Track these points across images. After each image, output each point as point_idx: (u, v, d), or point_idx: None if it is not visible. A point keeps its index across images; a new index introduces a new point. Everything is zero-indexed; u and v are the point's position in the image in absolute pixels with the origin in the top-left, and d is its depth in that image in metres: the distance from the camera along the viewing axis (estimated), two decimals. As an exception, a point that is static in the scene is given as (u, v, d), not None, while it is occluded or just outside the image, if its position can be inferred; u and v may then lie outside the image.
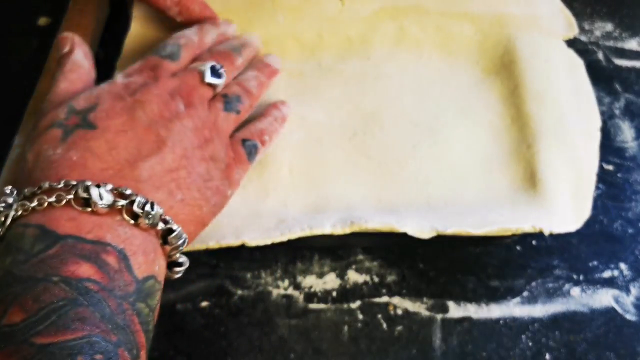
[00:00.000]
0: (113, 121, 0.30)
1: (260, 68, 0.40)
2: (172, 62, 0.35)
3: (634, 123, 0.43)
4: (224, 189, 0.34)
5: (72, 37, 0.36)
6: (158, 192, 0.29)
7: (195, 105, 0.34)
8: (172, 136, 0.31)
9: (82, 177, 0.27)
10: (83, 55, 0.36)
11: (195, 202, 0.31)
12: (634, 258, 0.38)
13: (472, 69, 0.44)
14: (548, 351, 0.35)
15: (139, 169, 0.29)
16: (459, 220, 0.36)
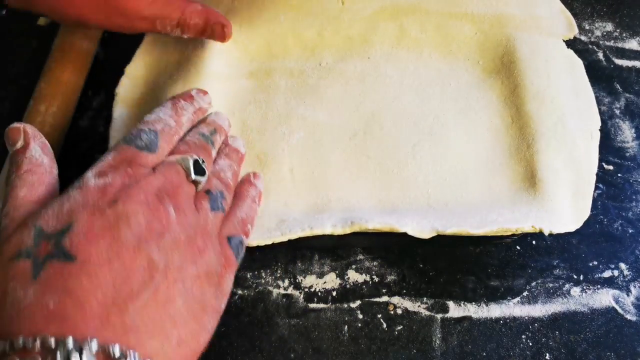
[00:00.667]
0: (94, 247, 0.24)
1: (230, 156, 0.37)
2: (149, 154, 0.30)
3: (634, 123, 0.43)
4: (218, 305, 0.29)
5: (24, 127, 0.30)
6: (153, 340, 0.24)
7: (184, 209, 0.29)
8: (165, 256, 0.26)
9: (61, 330, 0.22)
10: (40, 150, 0.30)
11: (193, 336, 0.26)
12: (634, 258, 0.38)
13: (472, 69, 0.44)
14: (548, 351, 0.35)
15: (129, 313, 0.24)
16: (459, 220, 0.36)
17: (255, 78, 0.44)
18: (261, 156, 0.40)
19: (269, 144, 0.40)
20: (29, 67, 0.49)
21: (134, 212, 0.26)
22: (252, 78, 0.44)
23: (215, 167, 0.35)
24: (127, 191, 0.27)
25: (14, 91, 0.47)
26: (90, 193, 0.26)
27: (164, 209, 0.27)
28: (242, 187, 0.36)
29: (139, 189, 0.27)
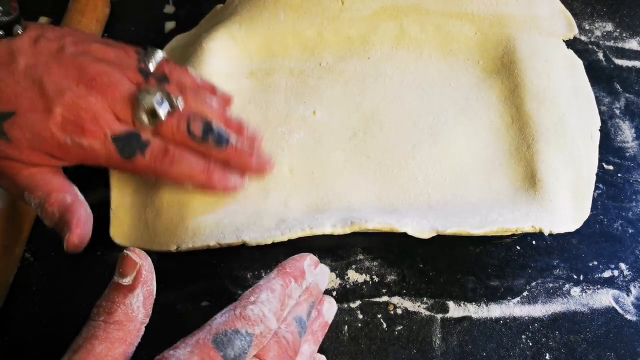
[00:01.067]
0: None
1: (316, 336, 0.32)
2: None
3: (634, 123, 0.43)
4: None
5: (140, 267, 0.27)
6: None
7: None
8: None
9: None
10: (142, 300, 0.27)
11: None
12: (634, 258, 0.38)
13: (472, 69, 0.44)
14: (548, 351, 0.35)
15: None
16: (459, 220, 0.36)
17: (255, 77, 0.44)
18: (261, 156, 0.40)
19: (269, 144, 0.40)
20: (29, 67, 0.49)
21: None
22: (252, 77, 0.44)
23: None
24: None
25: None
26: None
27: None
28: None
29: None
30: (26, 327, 0.38)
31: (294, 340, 0.28)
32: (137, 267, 0.26)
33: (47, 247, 0.41)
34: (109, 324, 0.25)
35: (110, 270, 0.39)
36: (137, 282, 0.26)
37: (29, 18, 0.51)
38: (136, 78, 0.35)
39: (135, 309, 0.26)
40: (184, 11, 0.52)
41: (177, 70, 0.38)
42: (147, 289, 0.27)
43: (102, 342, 0.25)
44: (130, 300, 0.26)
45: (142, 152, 0.34)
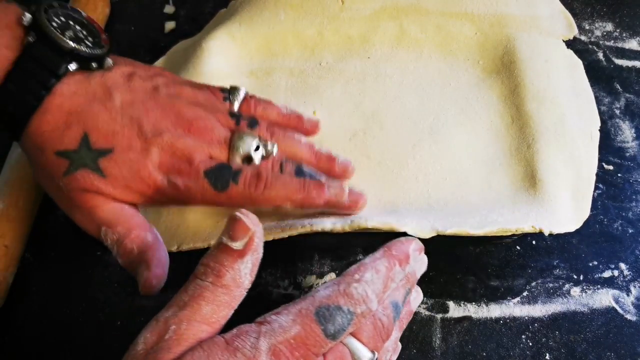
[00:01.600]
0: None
1: (402, 322, 0.32)
2: (331, 342, 0.26)
3: (634, 123, 0.43)
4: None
5: (253, 234, 0.26)
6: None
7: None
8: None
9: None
10: (250, 267, 0.26)
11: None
12: (634, 258, 0.38)
13: (472, 69, 0.44)
14: (548, 351, 0.35)
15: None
16: (459, 221, 0.36)
17: (256, 77, 0.44)
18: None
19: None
20: (29, 67, 0.48)
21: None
22: (252, 77, 0.44)
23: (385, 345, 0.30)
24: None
25: (14, 91, 0.47)
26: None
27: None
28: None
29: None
30: (26, 327, 0.38)
31: (389, 324, 0.29)
32: (249, 234, 0.26)
33: (47, 247, 0.41)
34: (216, 286, 0.25)
35: (111, 270, 0.39)
36: (247, 249, 0.26)
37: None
38: (228, 122, 0.35)
39: (243, 276, 0.26)
40: (184, 11, 0.52)
41: (262, 104, 0.38)
42: (256, 257, 0.26)
43: (209, 303, 0.25)
44: (239, 266, 0.26)
45: (235, 181, 0.33)
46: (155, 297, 0.38)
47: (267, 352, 0.24)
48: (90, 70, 0.33)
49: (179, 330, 0.24)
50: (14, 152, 0.42)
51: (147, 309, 0.38)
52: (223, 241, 0.26)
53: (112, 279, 0.39)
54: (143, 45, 0.50)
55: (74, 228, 0.41)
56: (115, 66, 0.34)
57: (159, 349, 0.24)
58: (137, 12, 0.53)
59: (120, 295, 0.38)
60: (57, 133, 0.31)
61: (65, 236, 0.41)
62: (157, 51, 0.49)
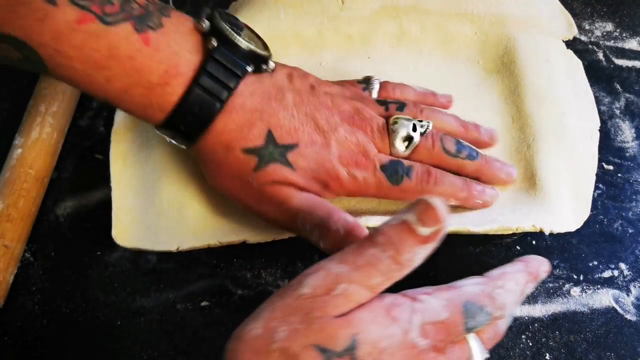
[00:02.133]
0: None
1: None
2: (465, 335, 0.28)
3: (634, 123, 0.43)
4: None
5: (442, 226, 0.25)
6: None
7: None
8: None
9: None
10: (422, 257, 0.27)
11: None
12: (634, 258, 0.38)
13: (473, 69, 0.44)
14: (548, 351, 0.35)
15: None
16: (460, 219, 0.36)
17: (255, 77, 0.44)
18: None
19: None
20: (28, 67, 0.48)
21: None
22: (252, 77, 0.44)
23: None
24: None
25: (14, 91, 0.47)
26: (404, 345, 0.26)
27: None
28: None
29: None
30: (26, 327, 0.38)
31: (504, 332, 0.31)
32: (439, 225, 0.25)
33: (47, 247, 0.41)
34: (392, 262, 0.26)
35: (111, 270, 0.39)
36: (432, 238, 0.26)
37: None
38: (379, 110, 0.37)
39: (417, 259, 0.26)
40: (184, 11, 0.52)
41: (398, 87, 0.40)
42: (434, 246, 0.26)
43: (382, 275, 0.26)
44: (419, 249, 0.26)
45: (409, 176, 0.35)
46: (155, 296, 0.38)
47: (418, 329, 0.26)
48: (260, 72, 0.34)
49: (348, 290, 0.25)
50: (14, 152, 0.42)
51: (147, 309, 0.38)
52: (410, 220, 0.25)
53: (112, 279, 0.39)
54: (143, 45, 0.50)
55: (74, 228, 0.41)
56: (276, 68, 0.36)
57: (327, 302, 0.25)
58: (137, 12, 0.52)
59: (120, 295, 0.38)
60: (243, 131, 0.33)
61: (65, 236, 0.41)
62: (157, 51, 0.49)
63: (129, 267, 0.39)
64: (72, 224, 0.41)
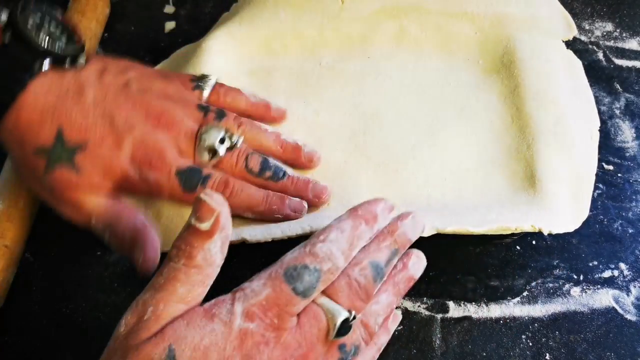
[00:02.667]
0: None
1: (399, 287, 0.31)
2: (302, 300, 0.27)
3: (634, 123, 0.43)
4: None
5: (219, 214, 0.26)
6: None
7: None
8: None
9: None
10: (220, 245, 0.27)
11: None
12: (634, 258, 0.38)
13: (472, 69, 0.44)
14: (548, 351, 0.35)
15: None
16: (459, 219, 0.36)
17: (256, 76, 0.44)
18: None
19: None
20: (29, 67, 0.48)
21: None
22: (252, 76, 0.44)
23: (369, 309, 0.30)
24: (262, 348, 0.26)
25: (14, 91, 0.47)
26: (232, 336, 0.26)
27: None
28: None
29: (274, 349, 0.26)
30: (26, 327, 0.38)
31: (367, 284, 0.29)
32: (215, 214, 0.26)
33: (47, 247, 0.41)
34: (189, 267, 0.26)
35: (111, 270, 0.39)
36: (215, 228, 0.26)
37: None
38: (196, 115, 0.36)
39: (214, 254, 0.27)
40: (184, 11, 0.52)
41: (231, 93, 0.40)
42: (224, 235, 0.27)
43: (184, 284, 0.26)
44: (208, 245, 0.26)
45: (204, 185, 0.35)
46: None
47: (241, 315, 0.26)
48: (64, 68, 0.34)
49: (157, 310, 0.26)
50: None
51: (147, 309, 0.38)
52: (191, 223, 0.26)
53: (112, 279, 0.39)
54: (143, 45, 0.50)
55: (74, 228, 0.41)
56: (88, 63, 0.35)
57: (139, 329, 0.25)
58: (137, 12, 0.53)
59: (120, 295, 0.38)
60: (33, 130, 0.32)
61: (65, 236, 0.41)
62: (157, 51, 0.49)
63: (129, 267, 0.39)
64: (72, 224, 0.41)
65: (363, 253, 0.30)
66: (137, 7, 0.53)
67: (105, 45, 0.50)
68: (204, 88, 0.39)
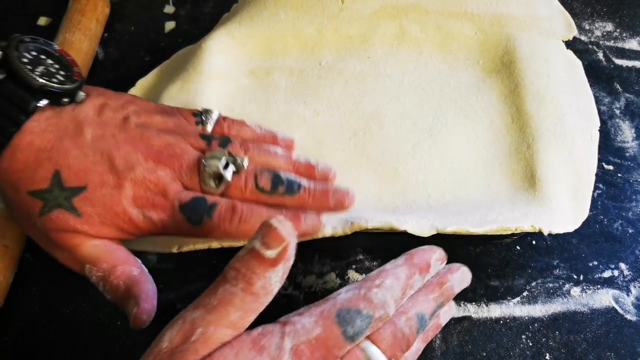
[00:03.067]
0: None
1: (428, 335, 0.32)
2: (349, 344, 0.26)
3: (634, 123, 0.43)
4: None
5: (288, 244, 0.25)
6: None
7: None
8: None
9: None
10: (282, 275, 0.26)
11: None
12: (634, 258, 0.38)
13: (472, 69, 0.44)
14: (548, 351, 0.35)
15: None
16: (459, 219, 0.36)
17: (255, 76, 0.44)
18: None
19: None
20: (29, 67, 0.48)
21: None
22: (252, 76, 0.44)
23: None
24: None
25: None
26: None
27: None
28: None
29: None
30: (26, 327, 0.38)
31: (410, 335, 0.29)
32: (284, 244, 0.25)
33: (47, 247, 0.41)
34: (246, 294, 0.25)
35: (110, 270, 0.39)
36: (280, 258, 0.25)
37: (29, 18, 0.52)
38: (199, 144, 0.35)
39: (273, 284, 0.26)
40: (184, 11, 0.52)
41: (236, 125, 0.38)
42: (287, 265, 0.26)
43: (238, 310, 0.25)
44: (270, 274, 0.25)
45: (210, 216, 0.32)
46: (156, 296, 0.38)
47: (290, 352, 0.25)
48: (62, 105, 0.32)
49: (206, 333, 0.24)
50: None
51: (147, 309, 0.38)
52: (256, 247, 0.25)
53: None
54: (143, 45, 0.50)
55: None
56: (87, 98, 0.33)
57: (185, 350, 0.24)
58: (137, 12, 0.53)
59: (120, 295, 0.38)
60: (29, 172, 0.31)
61: (65, 236, 0.41)
62: (157, 51, 0.49)
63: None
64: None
65: (410, 302, 0.29)
66: (137, 7, 0.53)
67: (105, 45, 0.50)
68: (207, 122, 0.37)
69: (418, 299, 0.30)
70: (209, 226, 0.32)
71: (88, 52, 0.47)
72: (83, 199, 0.31)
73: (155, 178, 0.32)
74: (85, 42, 0.47)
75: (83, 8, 0.48)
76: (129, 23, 0.52)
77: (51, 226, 0.31)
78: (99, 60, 0.49)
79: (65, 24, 0.47)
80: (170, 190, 0.32)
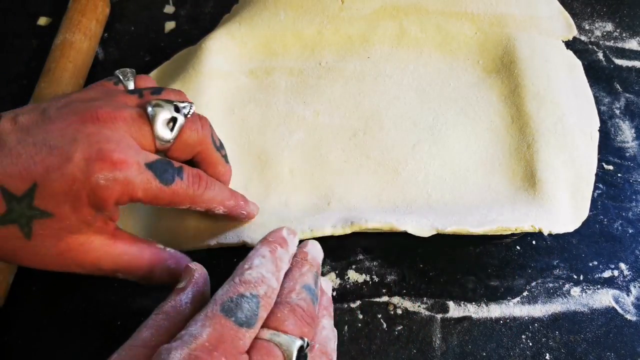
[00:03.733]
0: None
1: (329, 310, 0.32)
2: (248, 330, 0.26)
3: (634, 123, 0.43)
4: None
5: (193, 271, 0.30)
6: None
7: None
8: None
9: None
10: (192, 297, 0.29)
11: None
12: (634, 258, 0.38)
13: (472, 69, 0.44)
14: (548, 351, 0.35)
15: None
16: (459, 219, 0.36)
17: (255, 76, 0.44)
18: (262, 156, 0.40)
19: (269, 144, 0.40)
20: (29, 67, 0.49)
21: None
22: (251, 76, 0.44)
23: (320, 336, 0.30)
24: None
25: (14, 91, 0.47)
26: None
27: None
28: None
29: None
30: (26, 327, 0.38)
31: (308, 307, 0.29)
32: (192, 271, 0.30)
33: (47, 247, 0.41)
34: (157, 314, 0.28)
35: (110, 270, 0.39)
36: (188, 283, 0.29)
37: (29, 18, 0.52)
38: (130, 100, 0.32)
39: (184, 305, 0.28)
40: (184, 11, 0.52)
41: (143, 78, 0.36)
42: (195, 289, 0.29)
43: (149, 329, 0.27)
44: (180, 297, 0.29)
45: (181, 177, 0.31)
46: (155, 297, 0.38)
47: (187, 348, 0.24)
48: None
49: (119, 357, 0.26)
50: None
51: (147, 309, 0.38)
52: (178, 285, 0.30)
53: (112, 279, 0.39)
54: (143, 45, 0.50)
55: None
56: (1, 120, 0.30)
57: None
58: (137, 12, 0.53)
59: (120, 295, 0.38)
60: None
61: (65, 236, 0.41)
62: (157, 51, 0.49)
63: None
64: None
65: (291, 280, 0.29)
66: (137, 7, 0.53)
67: (105, 45, 0.50)
68: (126, 80, 0.35)
69: (295, 276, 0.30)
70: (180, 187, 0.32)
71: (88, 52, 0.47)
72: (41, 195, 0.28)
73: (102, 136, 0.29)
74: (85, 42, 0.47)
75: (83, 8, 0.48)
76: (129, 23, 0.52)
77: (37, 240, 0.29)
78: (99, 60, 0.49)
79: (65, 24, 0.47)
80: (124, 144, 0.30)
